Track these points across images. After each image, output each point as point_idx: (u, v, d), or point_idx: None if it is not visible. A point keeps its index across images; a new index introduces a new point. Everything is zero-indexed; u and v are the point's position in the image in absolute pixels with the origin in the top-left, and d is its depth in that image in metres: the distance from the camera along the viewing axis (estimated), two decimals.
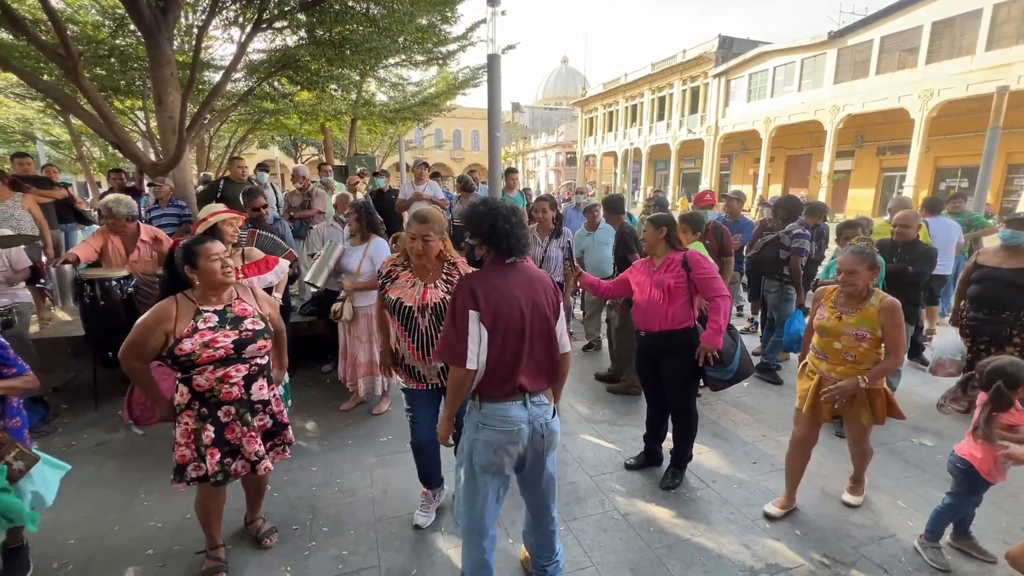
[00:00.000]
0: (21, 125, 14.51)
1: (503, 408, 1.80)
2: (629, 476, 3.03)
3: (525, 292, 1.82)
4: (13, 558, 2.18)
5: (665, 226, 2.85)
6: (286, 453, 2.31)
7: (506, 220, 1.80)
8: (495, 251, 1.84)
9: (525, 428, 1.80)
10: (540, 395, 1.86)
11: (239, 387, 2.04)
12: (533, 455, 1.87)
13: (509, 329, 1.77)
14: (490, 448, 1.80)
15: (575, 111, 41.69)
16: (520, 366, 1.79)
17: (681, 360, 2.83)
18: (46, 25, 5.62)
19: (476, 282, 1.79)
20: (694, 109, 27.38)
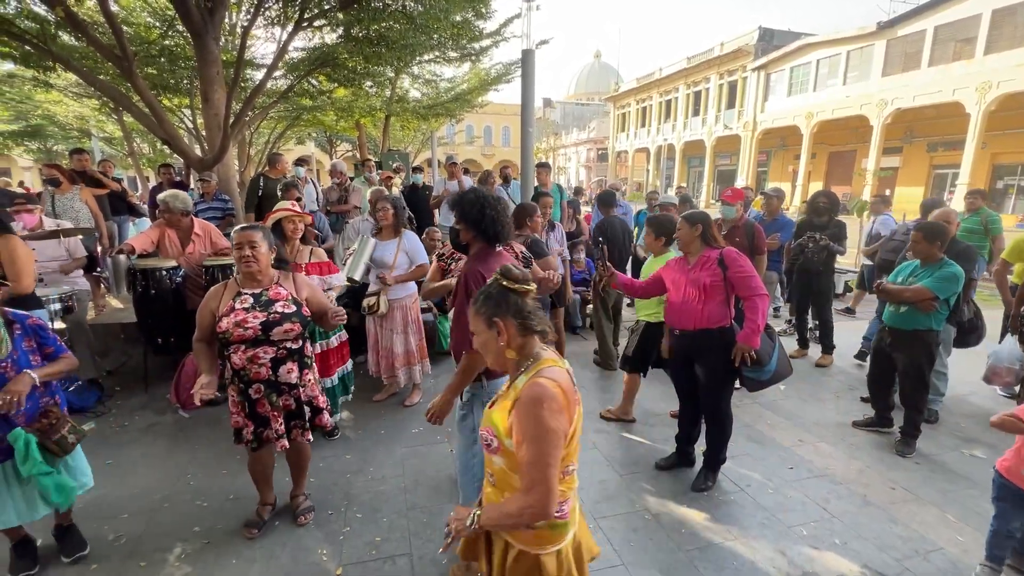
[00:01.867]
0: (78, 122, 15.32)
1: (498, 384, 1.94)
2: (660, 476, 2.99)
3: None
4: (68, 537, 2.32)
5: (700, 223, 2.79)
6: (307, 435, 2.40)
7: (493, 208, 1.98)
8: (483, 237, 2.00)
9: None
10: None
11: (267, 368, 2.22)
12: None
13: None
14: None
15: (607, 107, 41.18)
16: None
17: (716, 360, 2.78)
18: (103, 27, 5.92)
19: (483, 268, 1.95)
20: (731, 104, 26.63)
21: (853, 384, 4.32)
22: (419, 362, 3.75)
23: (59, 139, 17.29)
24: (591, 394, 4.15)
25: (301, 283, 2.37)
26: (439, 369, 4.42)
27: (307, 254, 3.17)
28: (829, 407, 3.89)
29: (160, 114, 5.30)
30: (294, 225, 3.05)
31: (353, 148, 20.90)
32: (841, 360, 4.87)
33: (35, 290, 2.93)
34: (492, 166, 36.78)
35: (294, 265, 3.04)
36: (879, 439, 3.40)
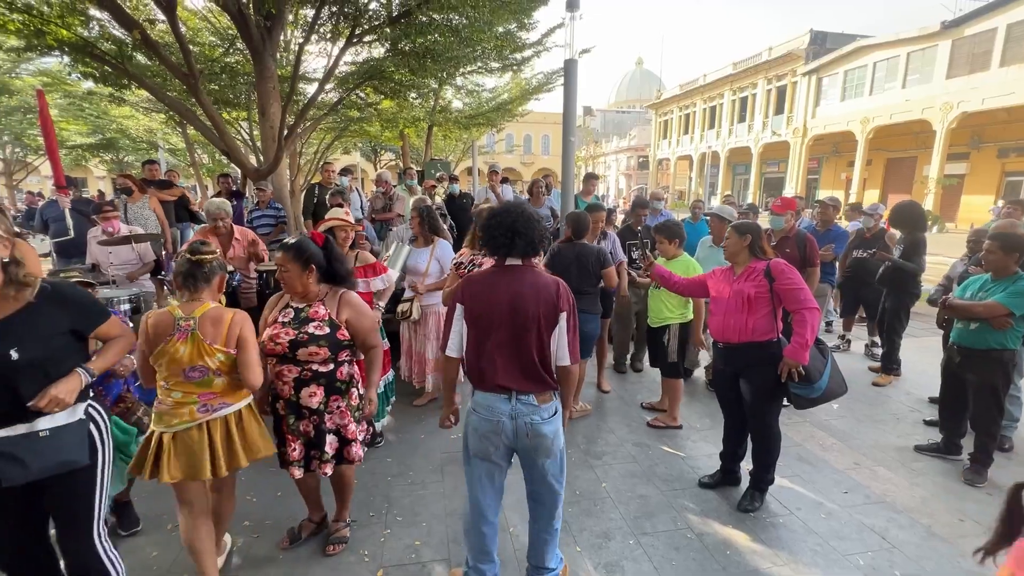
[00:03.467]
0: (147, 135, 16.49)
1: (488, 399, 1.91)
2: (703, 495, 2.90)
3: (507, 297, 1.87)
4: (124, 513, 2.52)
5: (750, 234, 2.72)
6: (324, 468, 2.21)
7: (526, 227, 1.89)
8: (490, 251, 1.96)
9: (507, 422, 1.88)
10: (530, 396, 1.89)
11: (289, 387, 2.15)
12: (523, 452, 1.94)
13: (479, 329, 1.90)
14: (476, 433, 1.94)
15: (648, 114, 40.65)
16: (496, 365, 1.86)
17: (762, 375, 2.68)
18: (172, 47, 6.35)
19: (472, 280, 1.96)
20: (779, 110, 25.76)
21: (914, 406, 4.06)
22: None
23: (130, 151, 18.65)
24: (629, 405, 4.07)
25: (345, 304, 2.20)
26: None
27: (353, 259, 3.27)
28: (888, 429, 3.66)
29: (221, 127, 5.62)
30: (345, 234, 3.14)
31: (396, 157, 21.47)
32: (901, 379, 4.58)
33: (104, 291, 3.15)
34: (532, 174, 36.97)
35: None
36: (945, 466, 3.18)
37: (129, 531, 2.50)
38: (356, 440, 2.28)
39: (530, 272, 1.92)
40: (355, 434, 2.27)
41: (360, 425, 2.33)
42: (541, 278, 1.92)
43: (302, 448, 2.21)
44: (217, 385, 1.95)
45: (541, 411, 1.90)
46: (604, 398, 4.22)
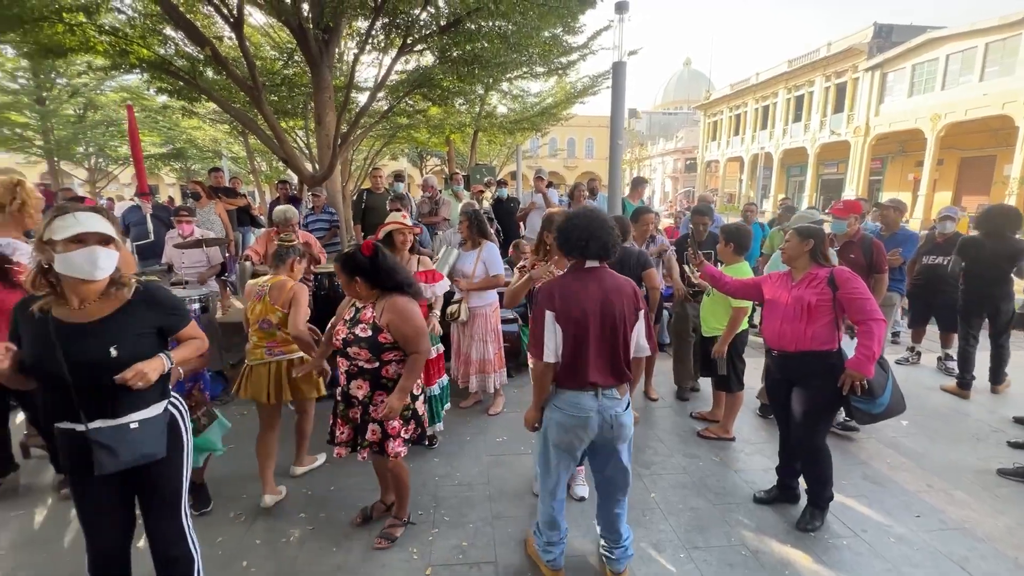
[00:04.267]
0: (212, 144, 17.59)
1: (575, 396, 2.01)
2: (758, 510, 2.77)
3: (597, 297, 1.97)
4: (197, 493, 2.71)
5: (812, 238, 2.59)
6: (362, 454, 2.35)
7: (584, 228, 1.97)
8: (572, 256, 2.04)
9: (595, 417, 2.01)
10: (612, 390, 2.03)
11: (343, 377, 2.36)
12: (603, 442, 2.07)
13: (579, 329, 1.95)
14: (562, 428, 2.05)
15: (696, 115, 39.60)
16: (588, 363, 1.96)
17: (818, 386, 2.56)
18: (237, 61, 6.75)
19: (556, 286, 2.02)
20: (839, 108, 24.46)
21: (997, 425, 3.74)
22: (495, 371, 3.79)
23: (196, 159, 19.94)
24: (678, 414, 3.96)
25: (389, 309, 2.25)
26: (523, 379, 4.45)
27: (415, 263, 3.32)
28: (966, 450, 3.39)
29: (281, 136, 5.92)
30: (404, 237, 3.23)
31: (442, 162, 21.90)
32: (980, 395, 4.23)
33: (177, 292, 3.38)
34: (575, 178, 36.77)
35: None
36: None
37: (200, 511, 2.69)
38: (398, 437, 2.33)
39: (608, 273, 2.03)
40: (396, 431, 2.33)
41: (408, 425, 2.38)
42: (618, 279, 2.05)
43: (350, 432, 2.40)
44: (278, 336, 2.75)
45: (622, 402, 2.05)
46: (652, 406, 4.12)
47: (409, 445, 2.42)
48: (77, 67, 12.15)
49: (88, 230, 1.52)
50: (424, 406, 2.50)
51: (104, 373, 1.54)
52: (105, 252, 1.56)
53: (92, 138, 16.53)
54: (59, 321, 1.56)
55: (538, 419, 2.14)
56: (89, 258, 1.53)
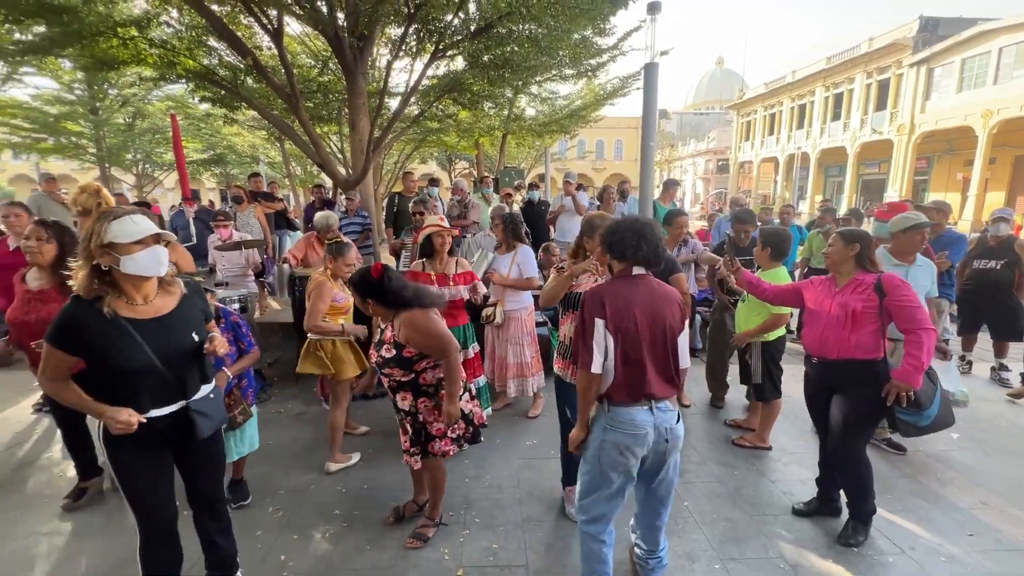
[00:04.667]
0: (250, 150, 18.21)
1: (630, 412, 1.89)
2: (797, 523, 2.69)
3: (647, 305, 1.90)
4: (237, 489, 2.83)
5: (858, 242, 2.50)
6: (412, 461, 2.44)
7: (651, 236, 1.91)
8: (621, 260, 1.96)
9: (651, 432, 1.89)
10: (665, 401, 1.94)
11: (389, 391, 2.42)
12: (654, 456, 1.95)
13: (633, 337, 1.87)
14: (616, 449, 1.90)
15: (728, 115, 38.76)
16: (645, 374, 1.88)
17: (861, 396, 2.46)
18: (275, 70, 6.98)
19: (605, 292, 1.92)
20: (881, 105, 23.50)
21: None
22: (533, 375, 3.79)
23: (235, 164, 20.68)
24: (712, 421, 3.87)
25: (404, 325, 2.27)
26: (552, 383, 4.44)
27: (454, 265, 3.36)
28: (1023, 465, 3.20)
29: (317, 142, 6.09)
30: (442, 239, 3.27)
31: (470, 166, 22.09)
32: None
33: (218, 292, 3.52)
34: (604, 180, 36.46)
35: (440, 276, 3.28)
36: None
37: (239, 504, 2.77)
38: (443, 437, 2.39)
39: (656, 282, 1.97)
40: (441, 431, 2.39)
41: (457, 424, 2.40)
42: (665, 287, 1.98)
43: (409, 441, 2.43)
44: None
45: (674, 414, 1.96)
46: (685, 413, 4.02)
47: (464, 445, 2.47)
48: (128, 78, 12.81)
49: (150, 232, 1.67)
50: (471, 403, 2.50)
51: (190, 356, 1.78)
52: (163, 250, 1.72)
53: (140, 145, 17.37)
54: (135, 321, 1.67)
55: (584, 439, 1.99)
56: (154, 256, 1.68)
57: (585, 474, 2.01)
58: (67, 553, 2.46)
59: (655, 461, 1.96)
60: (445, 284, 3.29)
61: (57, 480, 3.08)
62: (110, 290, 1.67)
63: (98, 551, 2.47)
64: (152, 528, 1.86)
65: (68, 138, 15.16)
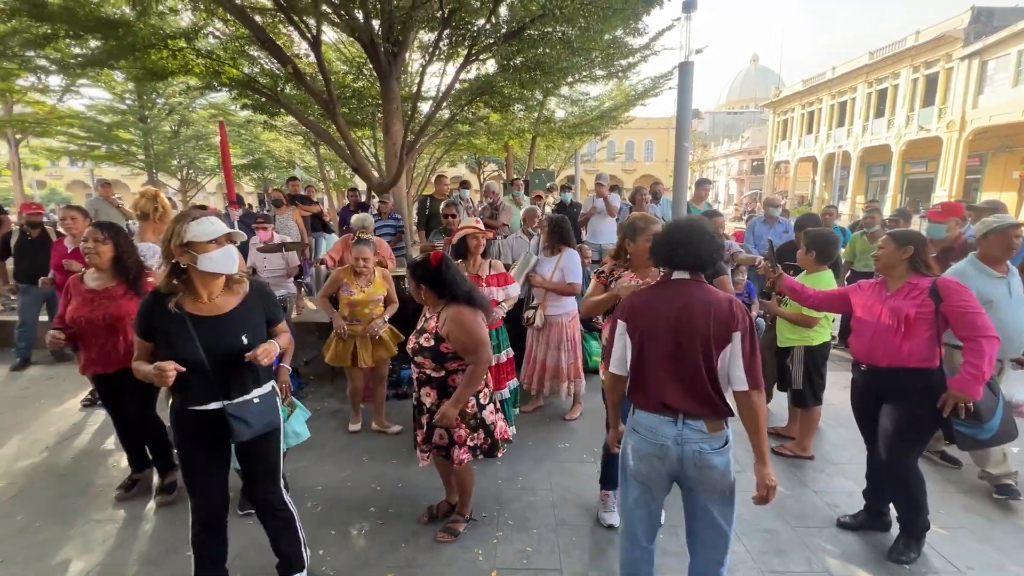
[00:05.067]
0: (287, 155, 18.80)
1: (650, 419, 1.79)
2: (843, 536, 2.58)
3: (674, 310, 1.76)
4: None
5: (911, 244, 2.38)
6: (423, 459, 2.48)
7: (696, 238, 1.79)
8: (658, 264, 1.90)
9: (672, 447, 1.73)
10: (699, 421, 1.73)
11: (416, 383, 2.44)
12: (687, 483, 1.77)
13: (652, 343, 1.78)
14: (637, 454, 1.82)
15: (764, 114, 37.74)
16: (659, 381, 1.76)
17: (913, 406, 2.35)
18: (313, 77, 7.18)
19: (635, 296, 1.90)
20: (928, 101, 22.41)
21: None
22: (570, 380, 3.74)
23: (272, 169, 21.39)
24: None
25: (449, 319, 2.29)
26: (590, 386, 4.38)
27: (487, 267, 3.37)
28: None
29: (352, 146, 6.23)
30: (477, 241, 3.29)
31: (499, 168, 22.17)
32: None
33: None
34: (633, 182, 36.03)
35: (474, 277, 3.28)
36: None
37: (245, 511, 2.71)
38: (463, 444, 2.37)
39: (699, 287, 1.80)
40: (463, 438, 2.36)
41: (476, 433, 2.40)
42: (713, 294, 1.78)
43: (424, 436, 2.45)
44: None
45: (712, 440, 1.72)
46: None
47: (479, 456, 2.45)
48: (174, 88, 13.42)
49: (224, 232, 1.79)
50: (495, 414, 2.50)
51: (237, 357, 1.81)
52: (235, 249, 1.83)
53: (184, 151, 18.17)
54: (194, 316, 1.80)
55: (616, 438, 2.00)
56: (227, 255, 1.80)
57: (621, 481, 1.97)
58: (120, 540, 2.57)
59: (689, 490, 1.78)
60: (478, 285, 3.29)
61: (111, 471, 3.23)
62: (184, 287, 1.81)
63: (147, 540, 2.58)
64: (199, 515, 1.96)
65: (120, 145, 16.00)
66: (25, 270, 4.85)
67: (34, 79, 11.56)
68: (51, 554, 2.47)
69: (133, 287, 2.71)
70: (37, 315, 5.14)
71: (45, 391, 4.52)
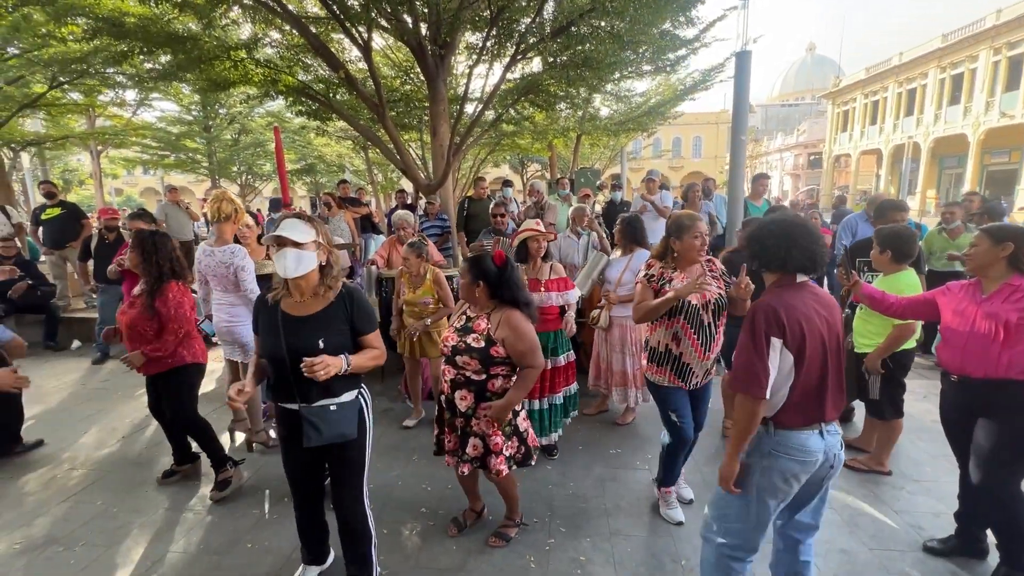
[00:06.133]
0: (337, 159, 19.47)
1: (801, 437, 1.69)
2: (931, 562, 2.35)
3: (821, 314, 1.69)
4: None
5: (1011, 241, 2.14)
6: (462, 468, 2.33)
7: (804, 237, 1.70)
8: (783, 270, 1.74)
9: (820, 458, 1.70)
10: (833, 424, 1.75)
11: (447, 386, 2.34)
12: (814, 481, 1.77)
13: (814, 354, 1.66)
14: (782, 476, 1.71)
15: (821, 105, 35.79)
16: (826, 394, 1.69)
17: (1013, 423, 2.10)
18: (363, 82, 7.37)
19: (777, 304, 1.65)
20: (1012, 85, 20.55)
21: None
22: (636, 387, 3.59)
23: (323, 173, 22.23)
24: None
25: (505, 324, 2.22)
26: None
27: (547, 270, 3.28)
28: None
29: (402, 148, 6.33)
30: (538, 244, 3.23)
31: (543, 168, 22.09)
32: None
33: None
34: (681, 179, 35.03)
35: (533, 281, 3.22)
36: None
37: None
38: (500, 454, 2.29)
39: (817, 289, 1.79)
40: (499, 447, 2.29)
41: (510, 441, 2.34)
42: (825, 293, 1.79)
43: (456, 441, 2.37)
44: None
45: (840, 438, 1.77)
46: None
47: (512, 466, 2.37)
48: (235, 98, 14.18)
49: (281, 234, 1.81)
50: (526, 422, 2.44)
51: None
52: (294, 254, 1.81)
53: (244, 158, 19.16)
54: (285, 313, 1.89)
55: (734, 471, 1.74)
56: (281, 258, 1.82)
57: (737, 499, 1.77)
58: (186, 529, 2.69)
59: (810, 488, 1.77)
60: (537, 289, 3.20)
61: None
62: (284, 286, 1.92)
63: (212, 529, 2.68)
64: (295, 502, 2.11)
65: (186, 154, 17.07)
66: (103, 271, 5.22)
67: (112, 94, 12.50)
68: (127, 539, 2.61)
69: (148, 297, 2.76)
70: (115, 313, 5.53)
71: (121, 384, 4.84)
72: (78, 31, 6.36)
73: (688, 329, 2.40)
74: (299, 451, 1.94)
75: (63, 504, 2.92)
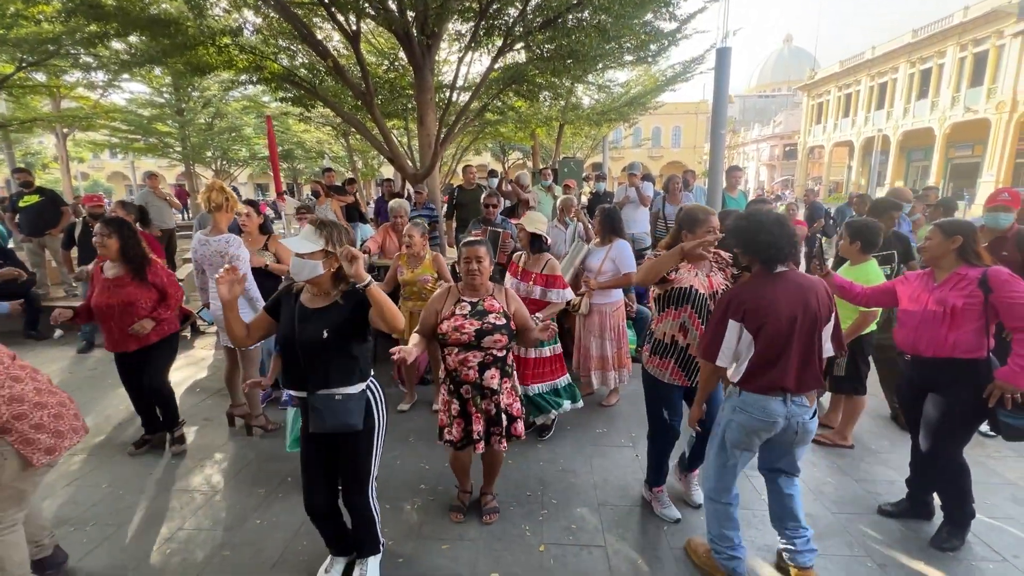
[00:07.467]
0: (317, 146, 19.15)
1: (762, 400, 2.00)
2: (884, 523, 2.62)
3: (793, 300, 1.94)
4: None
5: (960, 234, 2.37)
6: (503, 444, 2.48)
7: (769, 232, 1.94)
8: (760, 262, 2.00)
9: (781, 422, 2.00)
10: (802, 397, 2.00)
11: (474, 371, 2.37)
12: (781, 442, 2.09)
13: (776, 333, 1.92)
14: (743, 430, 2.06)
15: (797, 97, 36.48)
16: (786, 371, 1.94)
17: (957, 397, 2.36)
18: (350, 70, 7.33)
19: (743, 292, 1.99)
20: (976, 81, 21.37)
21: None
22: (615, 369, 3.78)
23: (302, 160, 21.84)
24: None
25: (511, 297, 2.52)
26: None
27: (542, 263, 3.35)
28: None
29: (388, 136, 6.36)
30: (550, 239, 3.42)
31: (525, 157, 22.12)
32: None
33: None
34: (660, 169, 35.42)
35: (524, 271, 3.37)
36: None
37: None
38: (521, 417, 2.56)
39: (797, 275, 2.00)
40: (520, 412, 2.56)
41: (522, 408, 2.61)
42: (808, 278, 2.02)
43: (484, 425, 2.47)
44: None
45: (809, 410, 2.04)
46: None
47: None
48: (210, 81, 13.78)
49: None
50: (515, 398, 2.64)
51: (320, 350, 1.95)
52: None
53: (219, 143, 18.68)
54: (301, 305, 2.02)
55: (702, 416, 2.28)
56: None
57: (710, 449, 2.22)
58: (195, 508, 2.79)
59: (780, 445, 2.10)
60: (527, 280, 3.33)
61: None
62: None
63: (220, 507, 2.79)
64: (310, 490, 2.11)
65: (158, 138, 16.55)
66: (87, 259, 5.17)
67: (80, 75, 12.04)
68: (136, 518, 2.71)
69: (138, 275, 3.04)
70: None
71: (111, 371, 4.78)
72: (49, 11, 6.17)
73: (696, 319, 2.41)
74: (314, 439, 2.07)
75: (68, 488, 2.99)
